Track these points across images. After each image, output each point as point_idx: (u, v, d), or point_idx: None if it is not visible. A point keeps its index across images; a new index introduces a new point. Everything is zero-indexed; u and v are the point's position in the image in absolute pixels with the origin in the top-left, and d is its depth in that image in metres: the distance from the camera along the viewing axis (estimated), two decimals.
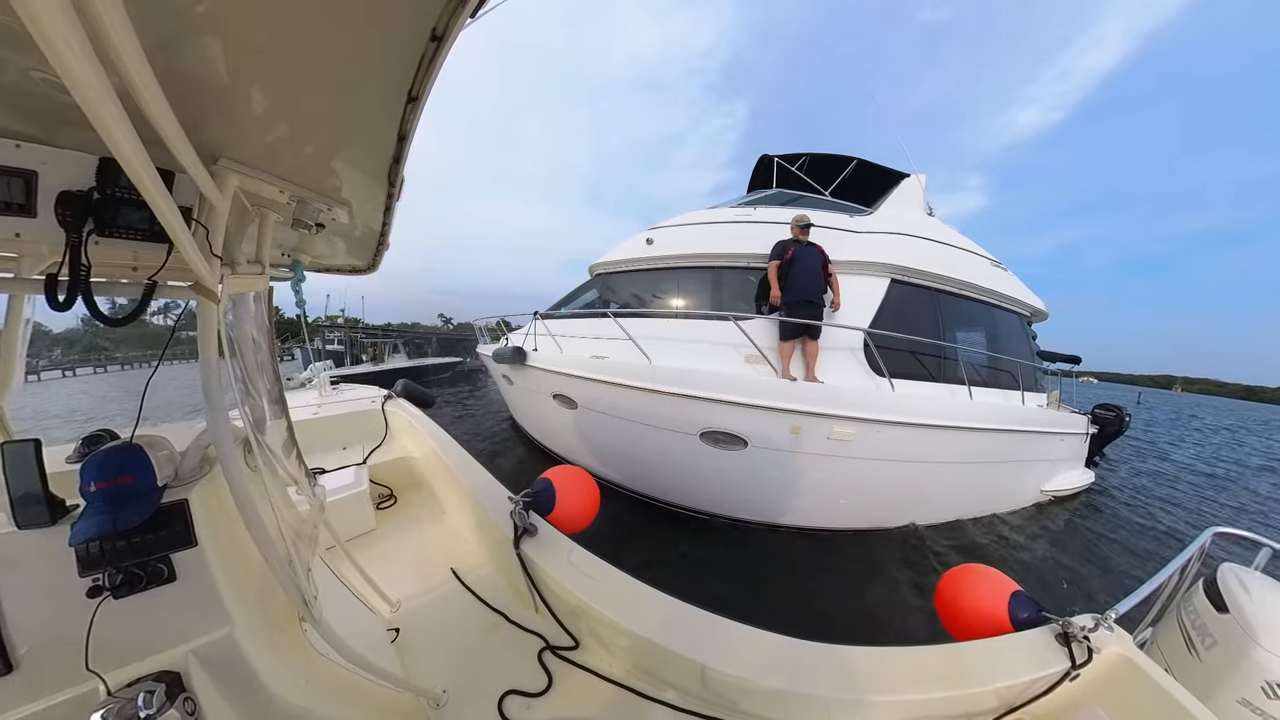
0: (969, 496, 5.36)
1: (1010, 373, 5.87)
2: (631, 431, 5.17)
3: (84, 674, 0.98)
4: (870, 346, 4.78)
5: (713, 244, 6.11)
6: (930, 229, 6.19)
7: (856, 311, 5.14)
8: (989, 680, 1.40)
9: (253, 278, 1.21)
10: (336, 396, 4.61)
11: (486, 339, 9.16)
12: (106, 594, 1.00)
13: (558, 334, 6.37)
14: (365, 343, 21.68)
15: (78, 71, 0.44)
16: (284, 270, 1.75)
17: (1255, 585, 1.83)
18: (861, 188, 7.02)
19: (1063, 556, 4.83)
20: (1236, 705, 1.63)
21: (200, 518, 1.13)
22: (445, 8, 0.66)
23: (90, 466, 1.00)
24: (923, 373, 5.19)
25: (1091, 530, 5.70)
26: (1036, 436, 5.61)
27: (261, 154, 1.02)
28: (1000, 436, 5.09)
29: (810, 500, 4.75)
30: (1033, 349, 6.96)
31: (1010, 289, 6.60)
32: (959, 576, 1.87)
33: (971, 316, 6.18)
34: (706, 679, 1.45)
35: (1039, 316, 7.40)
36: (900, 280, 5.54)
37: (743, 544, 4.70)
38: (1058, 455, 6.24)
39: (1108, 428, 7.04)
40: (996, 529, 5.30)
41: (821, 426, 4.34)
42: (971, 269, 6.13)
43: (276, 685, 1.22)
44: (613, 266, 7.17)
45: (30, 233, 0.85)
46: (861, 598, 3.85)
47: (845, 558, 4.49)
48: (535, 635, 1.88)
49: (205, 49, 0.67)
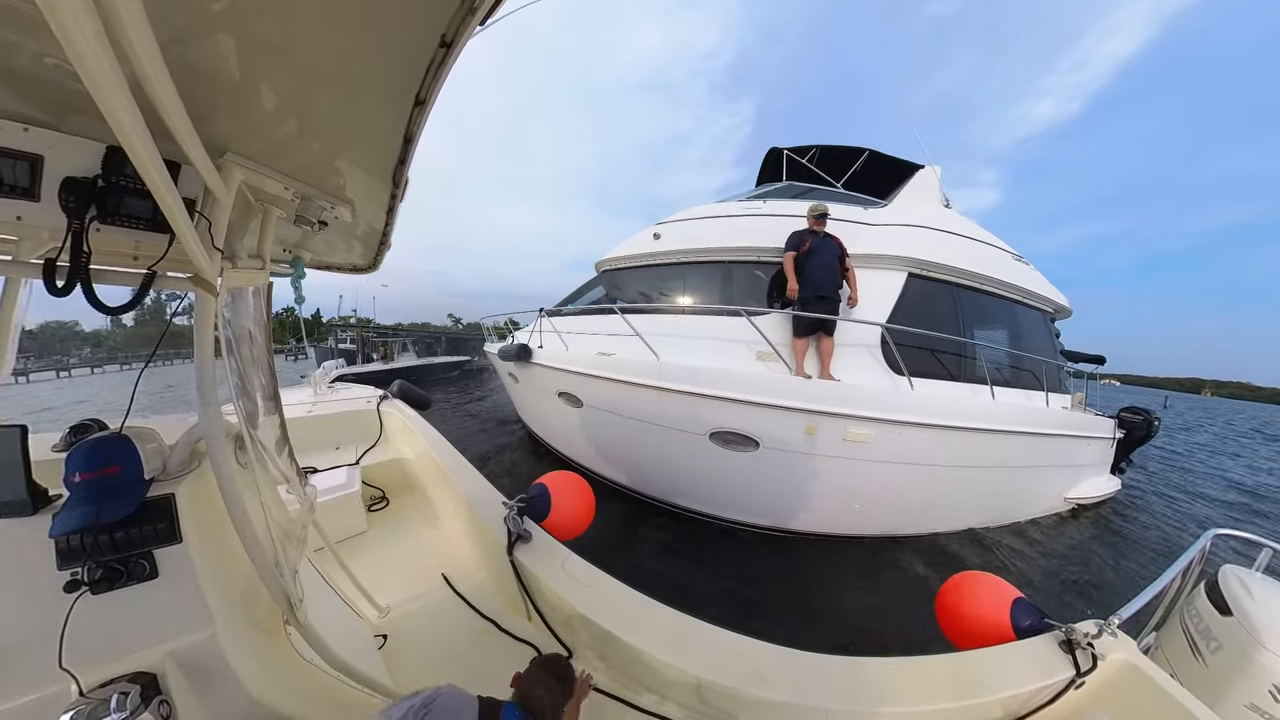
0: (989, 503, 5.33)
1: (1033, 372, 5.82)
2: (638, 431, 5.17)
3: (56, 672, 0.98)
4: (889, 343, 4.74)
5: (722, 238, 6.09)
6: (949, 221, 6.15)
7: (872, 307, 5.10)
8: (993, 690, 1.41)
9: (253, 272, 1.24)
10: (331, 395, 4.66)
11: (494, 338, 9.21)
12: (85, 589, 1.00)
13: (564, 331, 6.39)
14: (376, 342, 22.64)
15: (91, 60, 0.46)
16: (284, 266, 1.77)
17: (1258, 587, 1.85)
18: (874, 180, 6.97)
19: (1087, 571, 4.75)
20: (1245, 710, 1.64)
21: (186, 513, 1.14)
22: (455, 15, 0.69)
23: (76, 456, 1.01)
24: (942, 371, 5.15)
25: (1125, 538, 5.63)
26: (1061, 440, 5.56)
27: (268, 150, 1.05)
28: (1023, 440, 5.05)
29: (823, 505, 4.74)
30: (1056, 348, 6.88)
31: (1033, 284, 6.53)
32: (960, 584, 1.90)
33: (993, 313, 6.13)
34: (704, 691, 1.46)
35: (1062, 314, 7.30)
36: (918, 275, 5.50)
37: (750, 548, 4.69)
38: (1082, 460, 6.19)
39: (1135, 432, 6.90)
40: (1012, 539, 5.25)
41: (837, 427, 4.32)
42: (992, 263, 6.08)
43: (258, 690, 1.23)
44: (620, 263, 7.18)
45: (32, 216, 0.88)
46: (869, 605, 3.85)
47: (854, 563, 4.49)
48: (528, 644, 1.89)
49: (219, 45, 0.70)
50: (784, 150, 7.62)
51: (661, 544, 4.72)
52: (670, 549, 4.64)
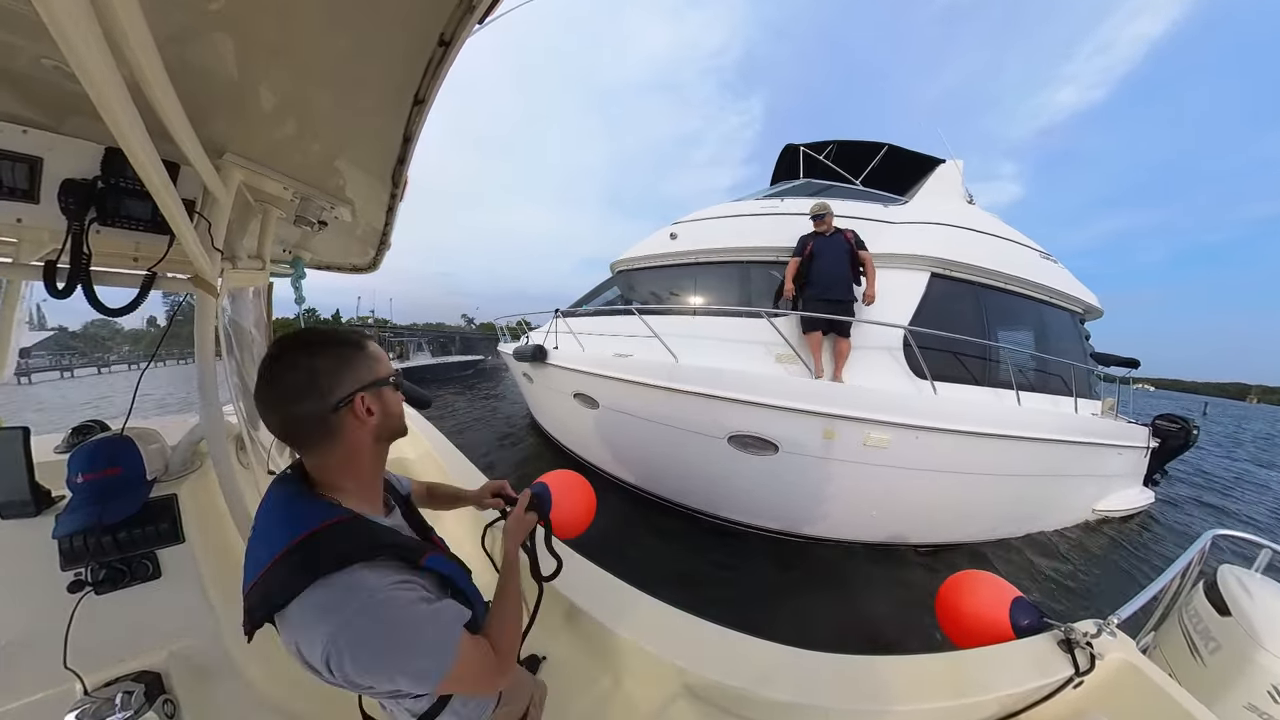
0: (1011, 513, 5.24)
1: (1062, 377, 5.72)
2: (655, 433, 5.16)
3: (61, 672, 1.01)
4: (912, 346, 4.69)
5: (739, 238, 6.05)
6: (972, 218, 6.07)
7: (894, 308, 5.04)
8: (991, 688, 1.44)
9: (253, 273, 1.26)
10: None
11: (507, 337, 9.30)
12: (89, 589, 1.04)
13: (579, 332, 6.40)
14: (393, 341, 23.67)
15: (89, 61, 0.47)
16: (284, 266, 1.81)
17: (1257, 588, 1.89)
18: (894, 175, 6.92)
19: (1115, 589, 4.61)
20: (1243, 710, 1.67)
21: (189, 514, 1.17)
22: (454, 14, 0.70)
23: (79, 457, 1.04)
24: (965, 375, 5.07)
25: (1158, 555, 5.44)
26: (1091, 449, 5.43)
27: (267, 150, 1.07)
28: (1051, 448, 4.96)
29: (839, 510, 4.71)
30: (1086, 350, 6.72)
31: (1061, 283, 6.42)
32: (959, 583, 1.93)
33: (1019, 314, 6.05)
34: (705, 689, 1.49)
35: (1093, 314, 7.13)
36: (941, 274, 5.44)
37: (763, 552, 4.70)
38: (1113, 471, 6.05)
39: (1171, 441, 6.69)
40: (1033, 552, 5.13)
41: (857, 432, 4.28)
42: (1019, 262, 5.99)
43: (262, 689, 1.26)
44: (636, 263, 7.19)
45: (32, 218, 0.90)
46: (877, 612, 3.85)
47: (868, 569, 4.47)
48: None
49: (217, 45, 0.71)
50: (800, 147, 7.58)
51: (671, 546, 4.75)
52: (681, 551, 4.66)
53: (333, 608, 0.64)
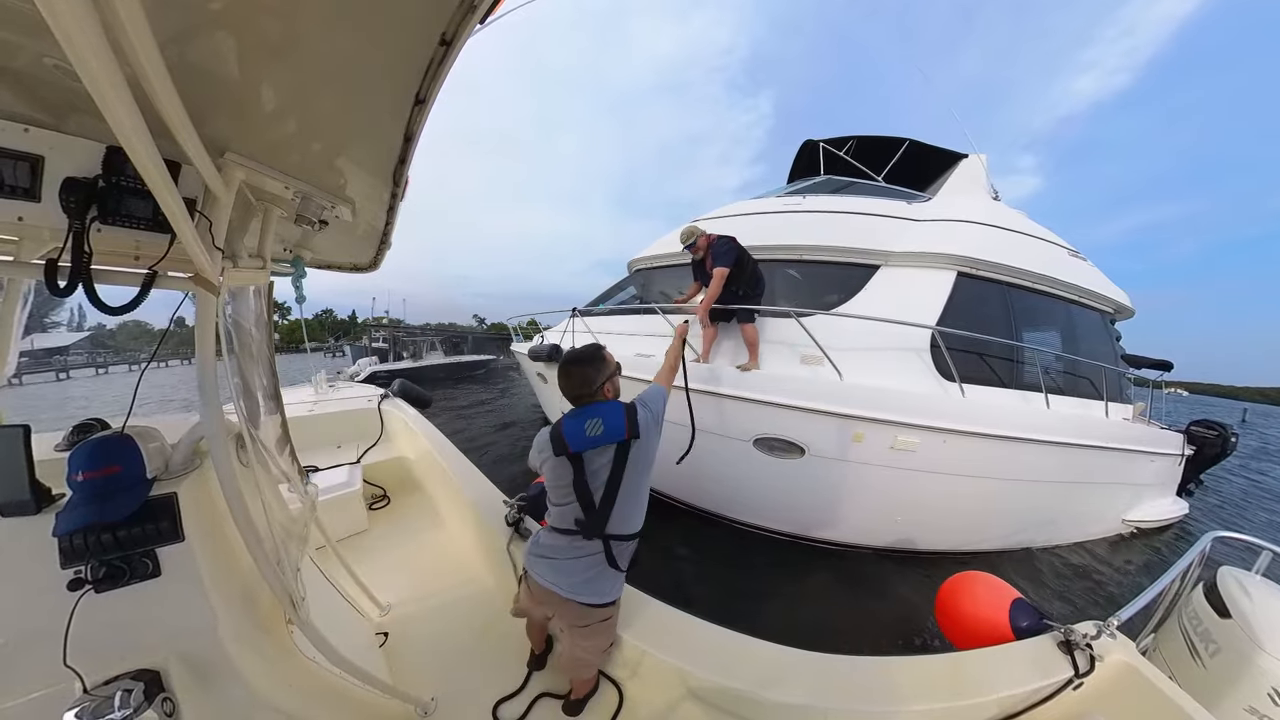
0: (1038, 521, 5.19)
1: (1091, 379, 5.65)
2: (678, 435, 5.15)
3: (61, 670, 1.03)
4: (939, 346, 4.65)
5: (760, 236, 5.99)
6: (999, 215, 6.03)
7: (920, 308, 5.02)
8: (991, 689, 1.47)
9: (254, 272, 1.29)
10: (333, 394, 4.85)
11: (520, 337, 9.37)
12: (88, 587, 1.06)
13: (596, 331, 6.42)
14: (406, 341, 24.24)
15: (91, 60, 0.49)
16: (285, 265, 1.85)
17: (1256, 590, 1.92)
18: (917, 171, 6.88)
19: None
20: (1243, 713, 1.69)
21: (189, 512, 1.20)
22: (455, 14, 0.72)
23: (79, 455, 1.07)
24: (993, 377, 5.02)
25: None
26: (1122, 455, 5.35)
27: (268, 149, 1.09)
28: (1080, 453, 4.90)
29: (863, 515, 4.71)
30: (1117, 352, 6.63)
31: (1090, 282, 6.33)
32: (959, 584, 1.98)
33: (1047, 314, 5.99)
34: (704, 690, 1.53)
35: (1124, 314, 7.01)
36: (968, 274, 5.40)
37: (785, 557, 4.72)
38: (1145, 479, 5.95)
39: (1207, 449, 6.51)
40: (1061, 563, 5.09)
41: (885, 434, 4.27)
42: (1047, 260, 5.93)
43: (260, 688, 1.29)
44: (653, 262, 7.21)
45: (33, 217, 0.92)
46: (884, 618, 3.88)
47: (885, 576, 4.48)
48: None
49: (218, 44, 0.73)
50: (820, 143, 7.58)
51: (689, 549, 4.80)
52: (698, 555, 4.71)
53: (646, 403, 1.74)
